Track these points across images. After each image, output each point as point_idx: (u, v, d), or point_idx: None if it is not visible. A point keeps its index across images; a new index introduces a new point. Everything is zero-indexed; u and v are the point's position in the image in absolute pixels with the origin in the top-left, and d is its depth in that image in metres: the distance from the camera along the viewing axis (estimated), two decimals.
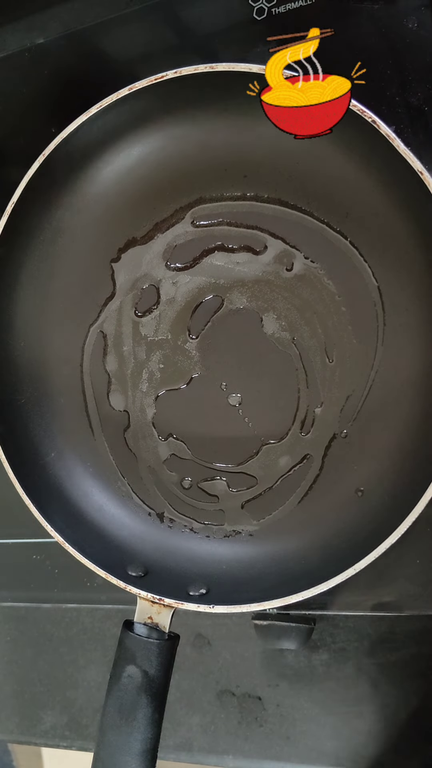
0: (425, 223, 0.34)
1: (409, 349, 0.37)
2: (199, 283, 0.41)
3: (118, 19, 0.42)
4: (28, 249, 0.43)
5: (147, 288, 0.42)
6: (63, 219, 0.43)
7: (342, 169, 0.37)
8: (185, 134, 0.39)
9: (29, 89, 0.45)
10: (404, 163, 0.33)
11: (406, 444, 0.37)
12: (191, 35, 0.41)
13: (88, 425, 0.45)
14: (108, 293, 0.44)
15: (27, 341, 0.45)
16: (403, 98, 0.37)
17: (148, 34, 0.42)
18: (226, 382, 0.41)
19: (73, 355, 0.45)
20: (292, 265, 0.39)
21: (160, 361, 0.42)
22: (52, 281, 0.44)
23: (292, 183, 0.38)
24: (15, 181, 0.40)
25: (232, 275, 0.40)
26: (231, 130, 0.39)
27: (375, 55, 0.37)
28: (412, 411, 0.37)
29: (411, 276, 0.36)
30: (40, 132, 0.40)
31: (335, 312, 0.39)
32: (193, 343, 0.42)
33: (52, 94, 0.44)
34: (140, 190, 0.42)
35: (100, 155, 0.41)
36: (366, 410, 0.38)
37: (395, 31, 0.37)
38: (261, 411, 0.41)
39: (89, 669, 0.52)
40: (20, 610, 0.54)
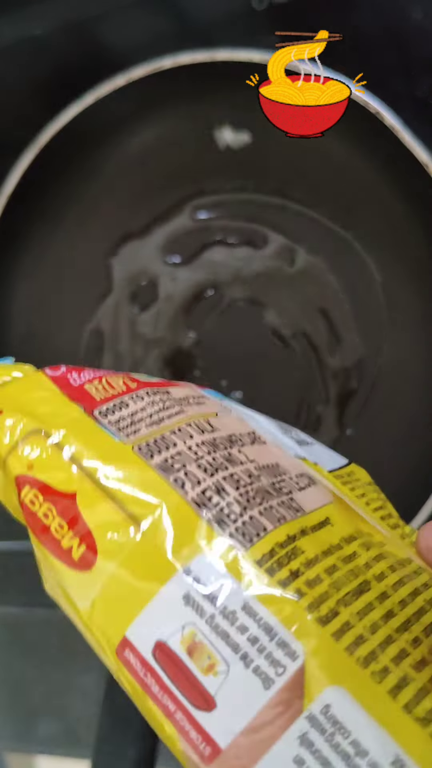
0: (429, 215, 0.34)
1: (413, 346, 0.36)
2: (198, 279, 0.41)
3: (117, 10, 0.41)
4: (23, 243, 0.43)
5: (145, 284, 0.42)
6: (59, 212, 0.42)
7: (346, 162, 0.36)
8: (184, 125, 0.39)
9: (26, 80, 0.44)
10: (410, 155, 0.33)
11: (411, 443, 0.36)
12: (190, 25, 0.40)
13: None
14: (105, 289, 0.43)
15: (21, 338, 0.44)
16: (408, 90, 0.36)
17: (147, 24, 0.41)
18: (226, 381, 0.41)
19: (69, 353, 0.44)
20: (294, 260, 0.39)
21: (158, 360, 0.42)
22: (47, 277, 0.44)
23: (294, 176, 0.38)
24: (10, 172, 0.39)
25: (233, 270, 0.40)
26: (231, 121, 0.38)
27: (379, 46, 0.36)
28: (417, 409, 0.36)
29: (415, 271, 0.36)
30: (36, 122, 0.40)
31: (338, 308, 0.38)
32: (193, 340, 0.41)
33: (49, 84, 0.43)
34: (138, 181, 0.41)
35: (96, 146, 0.40)
36: (369, 408, 0.38)
37: (400, 22, 0.36)
38: (262, 410, 0.40)
39: (85, 676, 0.51)
40: (14, 615, 0.53)
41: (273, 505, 0.17)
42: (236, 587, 0.15)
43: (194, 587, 0.15)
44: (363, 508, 0.20)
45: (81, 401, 0.19)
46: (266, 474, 0.18)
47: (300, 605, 0.15)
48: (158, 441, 0.18)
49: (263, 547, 0.16)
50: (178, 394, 0.21)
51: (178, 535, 0.16)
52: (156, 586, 0.16)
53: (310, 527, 0.17)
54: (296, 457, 0.20)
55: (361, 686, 0.14)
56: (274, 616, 0.15)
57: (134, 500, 0.17)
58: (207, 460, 0.18)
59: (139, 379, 0.21)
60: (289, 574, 0.15)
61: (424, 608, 0.16)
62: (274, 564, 0.15)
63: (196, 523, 0.16)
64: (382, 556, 0.17)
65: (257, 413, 0.23)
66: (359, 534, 0.17)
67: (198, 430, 0.19)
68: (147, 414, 0.19)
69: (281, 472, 0.18)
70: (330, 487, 0.19)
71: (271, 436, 0.21)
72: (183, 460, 0.17)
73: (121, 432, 0.18)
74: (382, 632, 0.15)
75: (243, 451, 0.19)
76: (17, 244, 0.42)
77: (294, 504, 0.17)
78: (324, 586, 0.15)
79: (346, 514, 0.18)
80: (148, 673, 0.16)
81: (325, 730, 0.14)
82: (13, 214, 0.40)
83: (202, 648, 0.15)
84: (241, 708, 0.14)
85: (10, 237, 0.41)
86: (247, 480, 0.17)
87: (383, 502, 0.21)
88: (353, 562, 0.16)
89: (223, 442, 0.19)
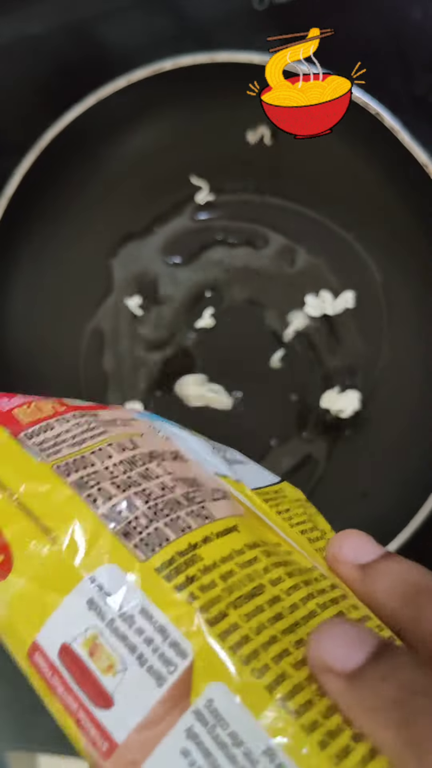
0: (430, 216, 0.34)
1: (413, 346, 0.36)
2: (198, 279, 0.41)
3: (117, 9, 0.41)
4: (24, 243, 0.42)
5: (145, 284, 0.42)
6: (59, 212, 0.42)
7: (345, 162, 0.36)
8: (184, 126, 0.39)
9: (26, 80, 0.44)
10: (409, 155, 0.33)
11: (411, 444, 0.36)
12: (191, 25, 0.40)
13: None
14: (105, 289, 0.43)
15: (21, 339, 0.44)
16: (407, 90, 0.36)
17: (147, 25, 0.41)
18: (226, 381, 0.41)
19: (69, 354, 0.44)
20: (294, 261, 0.38)
21: (159, 360, 0.42)
22: (47, 277, 0.44)
23: (294, 176, 0.38)
24: (11, 173, 0.39)
25: (233, 271, 0.40)
26: (231, 122, 0.38)
27: (378, 46, 0.36)
28: (416, 410, 0.36)
29: (415, 271, 0.36)
30: (36, 123, 0.40)
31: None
32: (193, 340, 0.41)
33: (50, 84, 0.43)
34: (138, 182, 0.41)
35: (97, 147, 0.40)
36: (370, 410, 0.37)
37: (399, 22, 0.36)
38: (263, 410, 0.40)
39: None
40: None
41: (181, 515, 0.18)
42: (135, 593, 0.17)
43: (97, 593, 0.17)
44: (278, 523, 0.21)
45: (8, 425, 0.21)
46: (181, 485, 0.19)
47: (192, 607, 0.16)
48: (77, 460, 0.19)
49: (163, 555, 0.17)
50: (106, 417, 0.22)
51: (87, 548, 0.17)
52: (62, 594, 0.17)
53: (216, 533, 0.18)
54: (217, 474, 0.21)
55: (241, 682, 0.15)
56: (168, 618, 0.16)
57: (49, 515, 0.18)
58: (122, 478, 0.19)
59: (68, 404, 0.22)
60: (184, 579, 0.17)
61: (314, 611, 0.17)
62: (171, 571, 0.17)
63: (103, 536, 0.17)
64: (282, 563, 0.18)
65: (190, 434, 0.24)
66: (264, 542, 0.19)
67: (119, 449, 0.20)
68: (71, 435, 0.20)
69: (197, 484, 0.20)
70: (245, 503, 0.21)
71: (195, 454, 0.22)
72: (98, 478, 0.19)
73: (43, 453, 0.20)
74: (267, 633, 0.16)
75: (162, 465, 0.20)
76: (18, 245, 0.42)
77: (204, 512, 0.19)
78: (217, 590, 0.17)
79: (255, 524, 0.20)
80: (54, 674, 0.17)
81: (208, 722, 0.15)
82: (14, 215, 0.40)
83: (102, 649, 0.16)
84: (136, 705, 0.16)
85: (11, 238, 0.41)
86: (159, 493, 0.19)
87: (308, 517, 0.23)
88: (251, 567, 0.17)
89: (142, 457, 0.20)
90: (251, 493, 0.22)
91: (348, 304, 0.37)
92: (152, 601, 0.16)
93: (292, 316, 0.39)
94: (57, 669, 0.17)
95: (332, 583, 0.18)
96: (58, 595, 0.17)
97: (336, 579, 0.19)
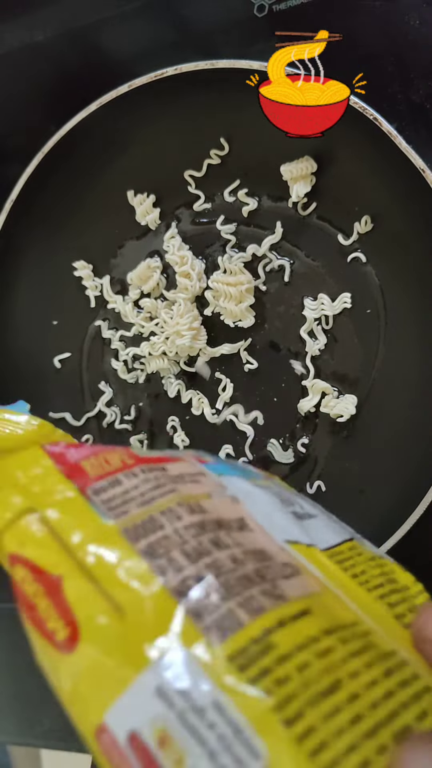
0: (427, 221, 0.34)
1: (411, 348, 0.36)
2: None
3: (118, 17, 0.41)
4: (26, 246, 0.43)
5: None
6: (62, 216, 0.43)
7: (343, 167, 0.37)
8: (185, 131, 0.39)
9: (29, 86, 0.44)
10: (406, 161, 0.33)
11: (408, 443, 0.37)
12: (191, 32, 0.41)
13: (86, 426, 0.45)
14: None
15: (22, 340, 0.45)
16: (404, 96, 0.37)
17: (148, 32, 0.41)
18: (226, 383, 0.41)
19: (72, 356, 0.45)
20: (293, 264, 0.39)
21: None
22: (50, 280, 0.44)
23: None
24: (14, 179, 0.40)
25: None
26: (231, 127, 0.39)
27: (376, 52, 0.37)
28: (414, 410, 0.36)
29: (413, 274, 0.36)
30: (39, 129, 0.40)
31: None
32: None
33: (52, 91, 0.44)
34: (139, 186, 0.42)
35: (99, 152, 0.41)
36: (367, 410, 0.38)
37: (397, 28, 0.36)
38: (262, 411, 0.40)
39: None
40: (18, 609, 0.53)
41: (254, 594, 0.17)
42: (207, 683, 0.15)
43: (167, 680, 0.16)
44: (354, 592, 0.20)
45: (75, 478, 0.20)
46: (252, 559, 0.18)
47: (267, 704, 0.15)
48: (146, 523, 0.18)
49: (237, 642, 0.16)
50: (174, 471, 0.21)
51: (157, 625, 0.16)
52: (132, 674, 0.16)
53: (290, 617, 0.17)
54: (287, 541, 0.20)
55: None
56: (242, 714, 0.15)
57: (118, 585, 0.17)
58: (192, 544, 0.18)
59: (137, 455, 0.21)
60: (259, 671, 0.15)
61: (396, 711, 0.16)
62: (245, 660, 0.16)
63: (174, 613, 0.16)
64: (360, 650, 0.17)
65: (258, 487, 0.23)
66: (340, 626, 0.17)
67: (188, 510, 0.19)
68: (139, 492, 0.19)
69: (267, 557, 0.19)
70: (317, 575, 0.19)
71: (262, 518, 0.21)
72: (167, 545, 0.18)
73: (111, 512, 0.19)
74: (348, 738, 0.15)
75: (231, 535, 0.19)
76: (19, 245, 0.43)
77: (276, 591, 0.17)
78: (293, 685, 0.15)
79: (330, 602, 0.18)
80: (123, 762, 0.16)
81: None
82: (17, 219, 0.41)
83: (172, 742, 0.15)
84: None
85: (15, 241, 0.42)
86: (230, 566, 0.18)
87: (385, 578, 0.21)
88: (328, 657, 0.16)
89: (211, 524, 0.19)
90: (324, 559, 0.20)
91: (346, 307, 0.38)
92: (225, 693, 0.15)
93: (292, 319, 0.39)
94: (125, 757, 0.16)
95: (414, 672, 0.17)
96: (127, 676, 0.16)
97: (418, 665, 0.18)
